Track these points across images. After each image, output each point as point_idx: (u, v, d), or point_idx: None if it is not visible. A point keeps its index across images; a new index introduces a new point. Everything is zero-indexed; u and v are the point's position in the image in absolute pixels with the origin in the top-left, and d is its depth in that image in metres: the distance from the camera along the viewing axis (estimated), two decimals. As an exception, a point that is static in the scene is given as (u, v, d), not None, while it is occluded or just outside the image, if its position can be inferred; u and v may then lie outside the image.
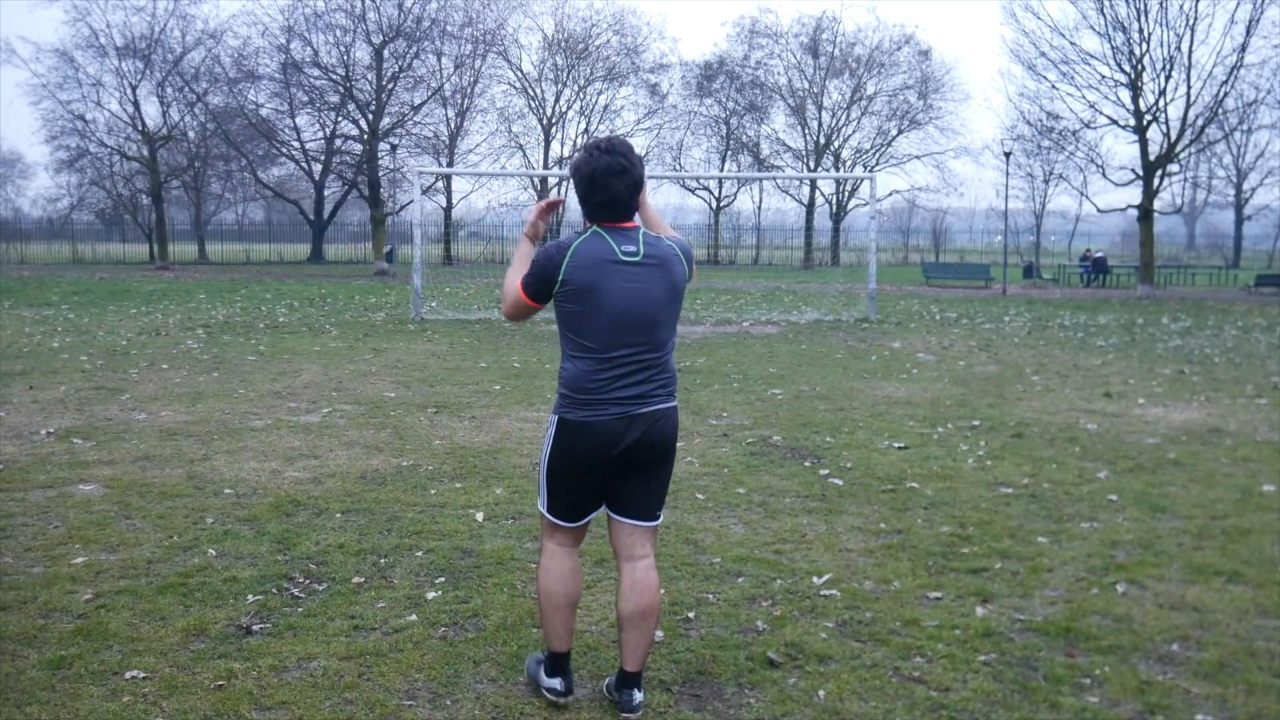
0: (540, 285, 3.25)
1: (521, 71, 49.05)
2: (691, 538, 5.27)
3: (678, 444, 3.40)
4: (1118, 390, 10.61)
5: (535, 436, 7.86)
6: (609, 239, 3.20)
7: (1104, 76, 30.84)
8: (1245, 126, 34.63)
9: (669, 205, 67.45)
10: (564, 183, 51.38)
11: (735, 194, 55.90)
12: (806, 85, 50.96)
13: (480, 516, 5.61)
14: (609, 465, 3.25)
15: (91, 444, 7.37)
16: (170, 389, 9.99)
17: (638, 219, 3.40)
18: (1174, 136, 30.11)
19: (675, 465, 6.93)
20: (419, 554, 4.97)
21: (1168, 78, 29.79)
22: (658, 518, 3.40)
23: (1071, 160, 36.70)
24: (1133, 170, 31.68)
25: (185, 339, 14.66)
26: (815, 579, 4.65)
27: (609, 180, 3.17)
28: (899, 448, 7.55)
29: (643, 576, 3.33)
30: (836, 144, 51.30)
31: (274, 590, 4.43)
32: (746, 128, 52.14)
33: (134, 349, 13.26)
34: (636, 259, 3.19)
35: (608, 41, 49.30)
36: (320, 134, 44.84)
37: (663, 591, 3.39)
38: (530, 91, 49.44)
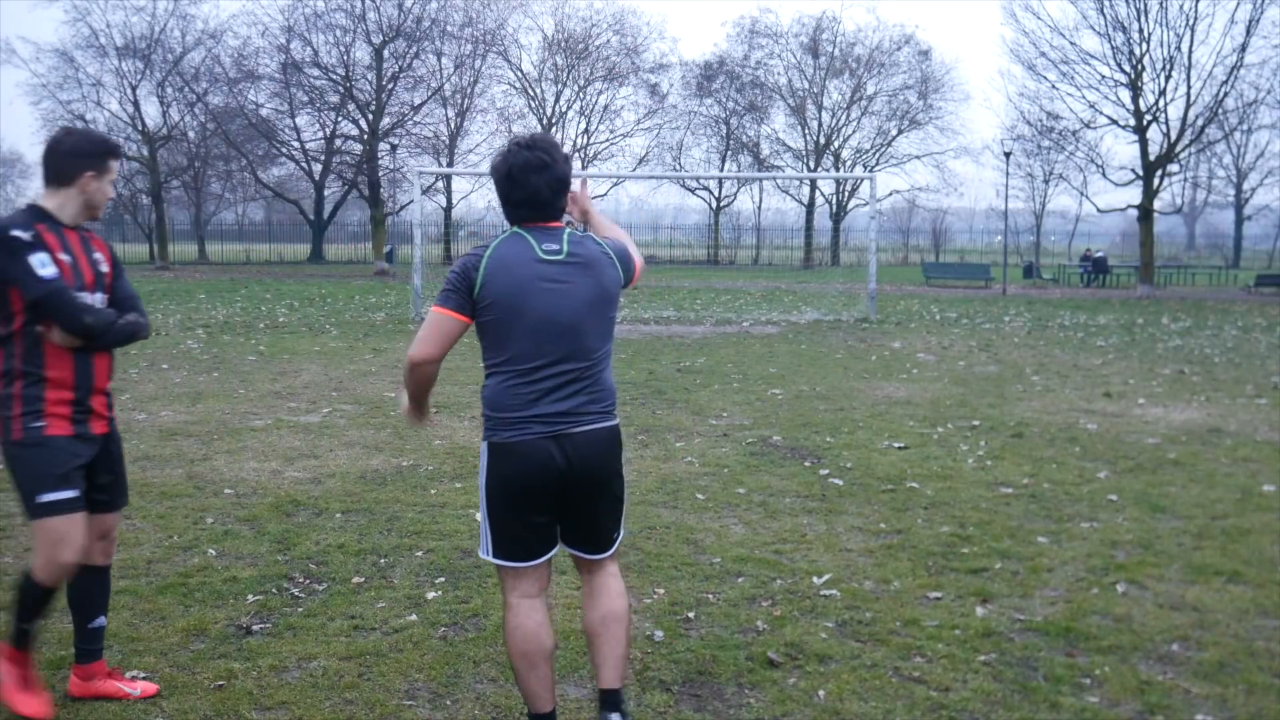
0: (460, 297, 2.91)
1: (521, 71, 49.13)
2: (691, 538, 5.27)
3: (621, 465, 3.07)
4: (1118, 390, 10.61)
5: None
6: (529, 238, 2.94)
7: (1104, 76, 30.89)
8: (1245, 126, 34.68)
9: (669, 205, 67.54)
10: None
11: (735, 194, 55.93)
12: (806, 85, 50.97)
13: (480, 516, 5.61)
14: (550, 492, 2.94)
15: (91, 444, 7.36)
16: (170, 389, 9.99)
17: (580, 222, 3.27)
18: (1174, 136, 30.13)
19: (675, 465, 6.99)
20: (419, 554, 4.97)
21: (1168, 78, 29.82)
22: (612, 545, 3.11)
23: (1071, 160, 36.73)
24: (1133, 170, 31.71)
25: (185, 339, 14.66)
26: (815, 579, 4.65)
27: (528, 176, 2.92)
28: (899, 448, 7.55)
29: (603, 582, 3.10)
30: (836, 144, 51.31)
31: (274, 590, 4.43)
32: (746, 128, 52.16)
33: (134, 349, 13.25)
34: (559, 258, 2.92)
35: (608, 41, 49.36)
36: (320, 134, 44.88)
37: (632, 605, 3.07)
38: (530, 91, 49.49)
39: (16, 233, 3.09)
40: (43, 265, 3.10)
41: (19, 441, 3.13)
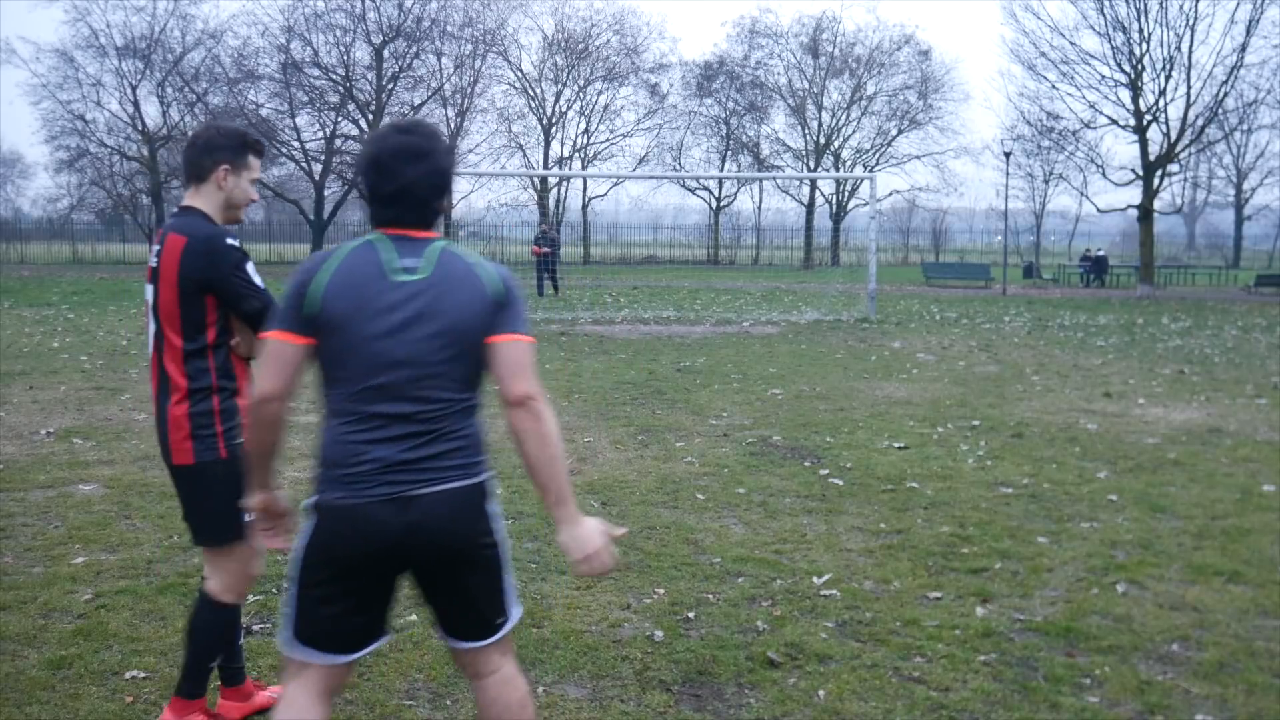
0: (294, 314, 2.34)
1: (521, 71, 49.10)
2: (691, 538, 5.27)
3: (493, 530, 2.45)
4: (1118, 390, 10.61)
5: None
6: (385, 249, 2.35)
7: (1104, 76, 30.88)
8: (1245, 126, 34.65)
9: (669, 205, 67.51)
10: (564, 183, 51.51)
11: (735, 194, 55.90)
12: (806, 85, 50.97)
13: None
14: (384, 569, 2.38)
15: (91, 444, 7.37)
16: (170, 389, 9.98)
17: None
18: (1174, 136, 30.12)
19: (675, 465, 6.99)
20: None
21: (1168, 78, 29.81)
22: (495, 631, 2.50)
23: (1071, 160, 36.70)
24: (1133, 170, 31.70)
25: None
26: (815, 579, 4.65)
27: (400, 166, 2.35)
28: (899, 448, 7.55)
29: (495, 689, 2.52)
30: (836, 144, 51.30)
31: (274, 590, 4.43)
32: (746, 128, 52.16)
33: (134, 349, 13.25)
34: (416, 278, 2.34)
35: (608, 41, 49.35)
36: (320, 134, 44.84)
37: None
38: (530, 91, 49.48)
39: (233, 240, 3.00)
40: (255, 273, 3.02)
41: (225, 460, 3.01)
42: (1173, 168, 31.98)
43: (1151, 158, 30.44)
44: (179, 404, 3.02)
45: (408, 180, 2.36)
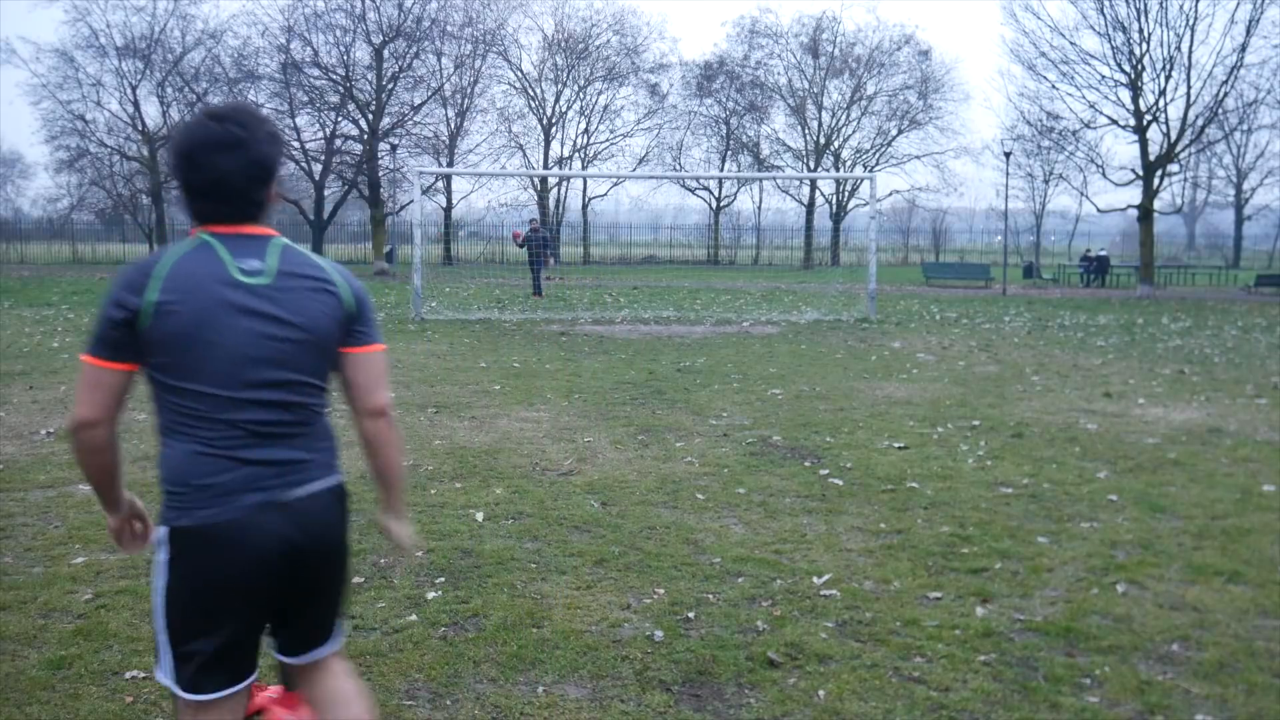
0: (118, 337, 2.15)
1: (521, 71, 49.13)
2: (691, 538, 5.27)
3: (348, 544, 2.46)
4: (1118, 390, 10.61)
5: (535, 436, 7.86)
6: (220, 250, 2.20)
7: (1104, 76, 30.88)
8: (1245, 126, 34.65)
9: (669, 205, 67.50)
10: (564, 183, 51.49)
11: (735, 194, 55.92)
12: (806, 85, 50.97)
13: (480, 516, 5.61)
14: (271, 584, 2.24)
15: (91, 444, 7.36)
16: (170, 389, 9.99)
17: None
18: (1174, 136, 30.12)
19: (675, 465, 6.99)
20: (419, 554, 4.96)
21: (1168, 78, 29.81)
22: (340, 628, 2.47)
23: (1071, 160, 36.70)
24: (1133, 170, 31.70)
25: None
26: (815, 579, 4.65)
27: (213, 158, 2.17)
28: (899, 448, 7.55)
29: (337, 688, 2.44)
30: (836, 144, 51.30)
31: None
32: (746, 128, 52.16)
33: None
34: (262, 280, 2.21)
35: (608, 41, 49.38)
36: (320, 134, 44.82)
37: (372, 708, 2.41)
38: (530, 91, 49.49)
39: None
40: None
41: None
42: (1173, 168, 31.98)
43: (1151, 158, 30.45)
44: None
45: (220, 172, 2.18)
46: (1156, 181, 30.69)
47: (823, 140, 50.88)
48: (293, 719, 2.60)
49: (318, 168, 45.82)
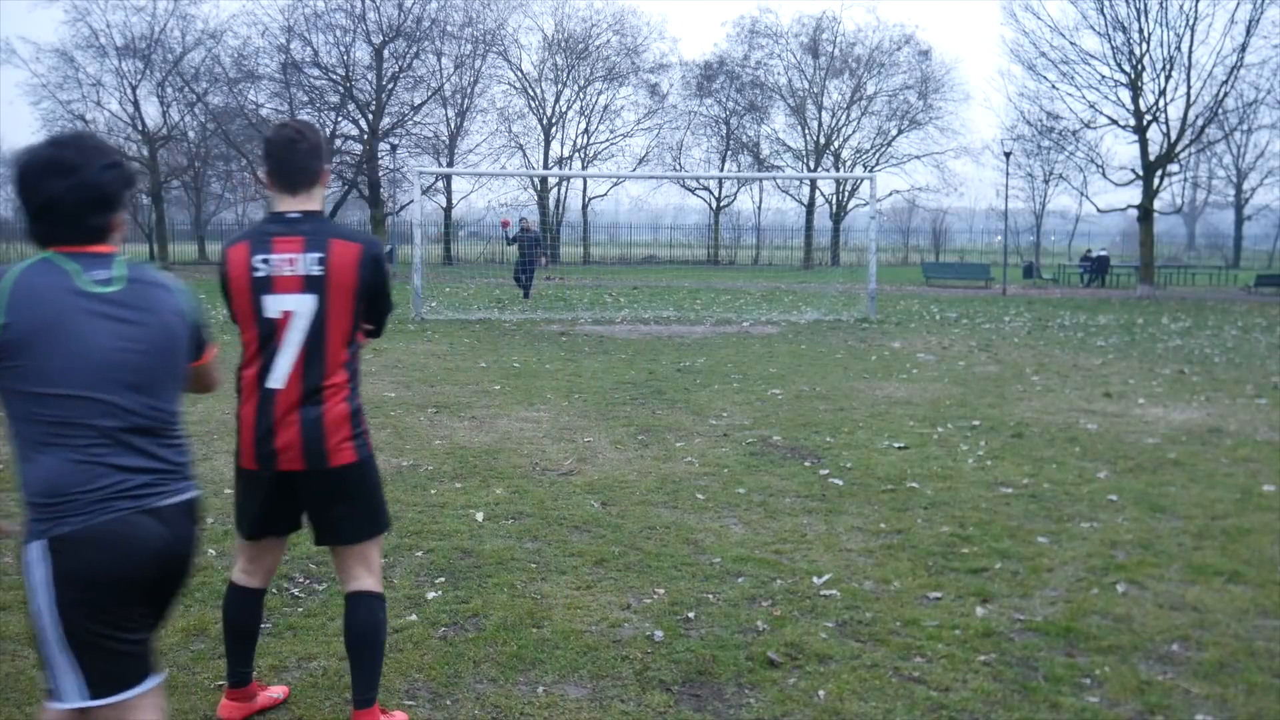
0: None
1: (521, 71, 49.12)
2: (691, 538, 5.27)
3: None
4: (1118, 390, 10.61)
5: (535, 436, 7.86)
6: (65, 264, 2.24)
7: (1104, 76, 30.87)
8: (1245, 126, 34.63)
9: (669, 205, 67.50)
10: (564, 183, 51.51)
11: (735, 194, 55.91)
12: (806, 85, 50.97)
13: (480, 516, 5.61)
14: (144, 587, 2.26)
15: (91, 444, 7.36)
16: (170, 389, 9.98)
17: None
18: (1174, 136, 30.12)
19: (675, 465, 6.99)
20: (419, 554, 4.97)
21: (1168, 78, 29.81)
22: (159, 676, 2.38)
23: (1071, 160, 36.69)
24: (1133, 170, 31.70)
25: (185, 339, 14.66)
26: (815, 579, 4.65)
27: (44, 181, 2.24)
28: (899, 448, 7.55)
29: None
30: (836, 144, 51.30)
31: (274, 590, 4.43)
32: (746, 128, 52.15)
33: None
34: (112, 289, 2.26)
35: (608, 41, 49.37)
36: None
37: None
38: (530, 91, 49.49)
39: None
40: None
41: (371, 455, 3.17)
42: (1173, 168, 32.00)
43: (1151, 158, 30.45)
44: (338, 406, 3.03)
45: (51, 195, 2.23)
46: (1156, 181, 30.69)
47: (823, 140, 50.88)
48: None
49: (317, 168, 45.75)
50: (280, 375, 3.01)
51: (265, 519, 3.15)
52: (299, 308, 2.98)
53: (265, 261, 2.98)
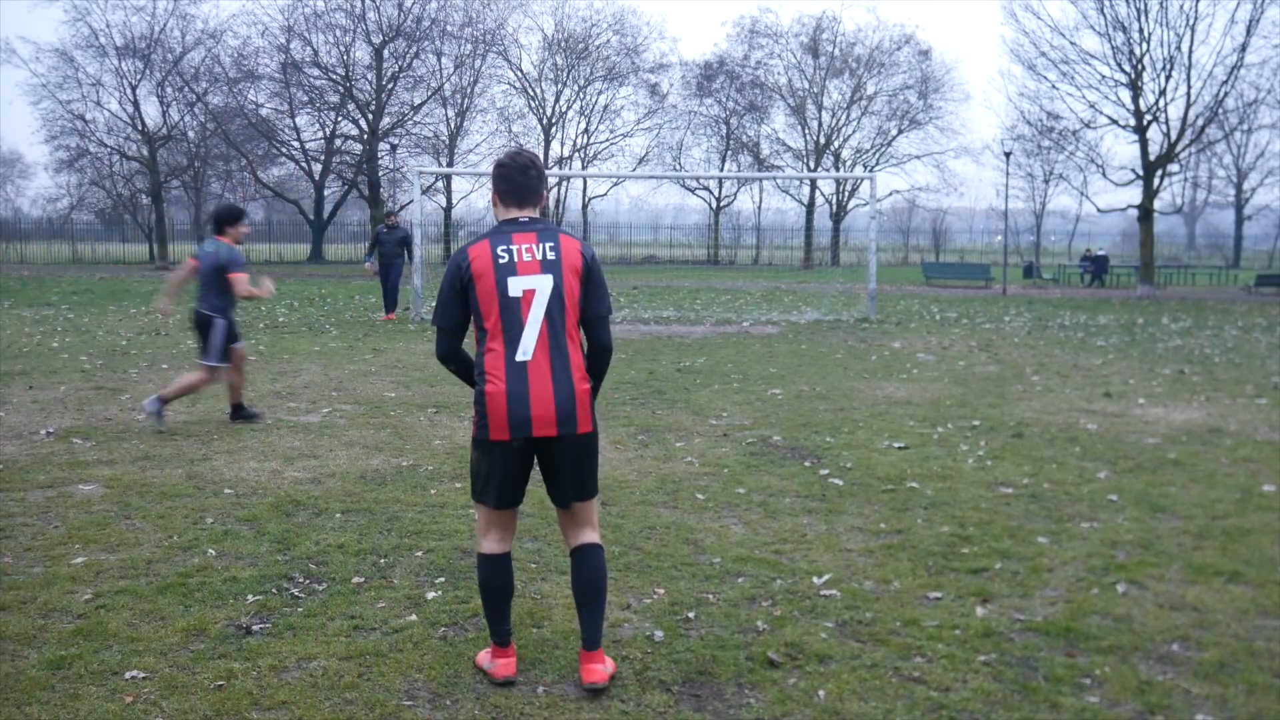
0: None
1: (521, 71, 49.11)
2: (691, 538, 5.27)
3: None
4: (1118, 390, 10.61)
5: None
6: None
7: (1104, 76, 30.87)
8: (1245, 126, 34.65)
9: (669, 205, 67.53)
10: (564, 183, 51.50)
11: (735, 194, 55.92)
12: (806, 85, 50.98)
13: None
14: None
15: (91, 444, 7.37)
16: (170, 389, 9.98)
17: None
18: (1174, 136, 30.12)
19: (675, 465, 6.99)
20: (419, 554, 4.97)
21: (1168, 78, 29.81)
22: None
23: (1071, 160, 36.73)
24: (1133, 170, 31.70)
25: (185, 339, 14.64)
26: (815, 579, 4.65)
27: None
28: (899, 448, 7.55)
29: None
30: (836, 144, 51.31)
31: (274, 590, 4.43)
32: (746, 128, 52.17)
33: (134, 349, 13.26)
34: None
35: (608, 41, 49.35)
36: (320, 134, 44.88)
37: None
38: (530, 91, 49.48)
39: None
40: None
41: (598, 426, 3.59)
42: (1173, 168, 31.99)
43: (1151, 158, 30.44)
44: (582, 380, 3.47)
45: None
46: (1156, 181, 30.69)
47: (823, 140, 50.89)
48: None
49: (317, 168, 45.85)
50: (527, 348, 3.40)
51: (515, 488, 3.56)
52: (540, 285, 3.41)
53: (507, 250, 3.44)
